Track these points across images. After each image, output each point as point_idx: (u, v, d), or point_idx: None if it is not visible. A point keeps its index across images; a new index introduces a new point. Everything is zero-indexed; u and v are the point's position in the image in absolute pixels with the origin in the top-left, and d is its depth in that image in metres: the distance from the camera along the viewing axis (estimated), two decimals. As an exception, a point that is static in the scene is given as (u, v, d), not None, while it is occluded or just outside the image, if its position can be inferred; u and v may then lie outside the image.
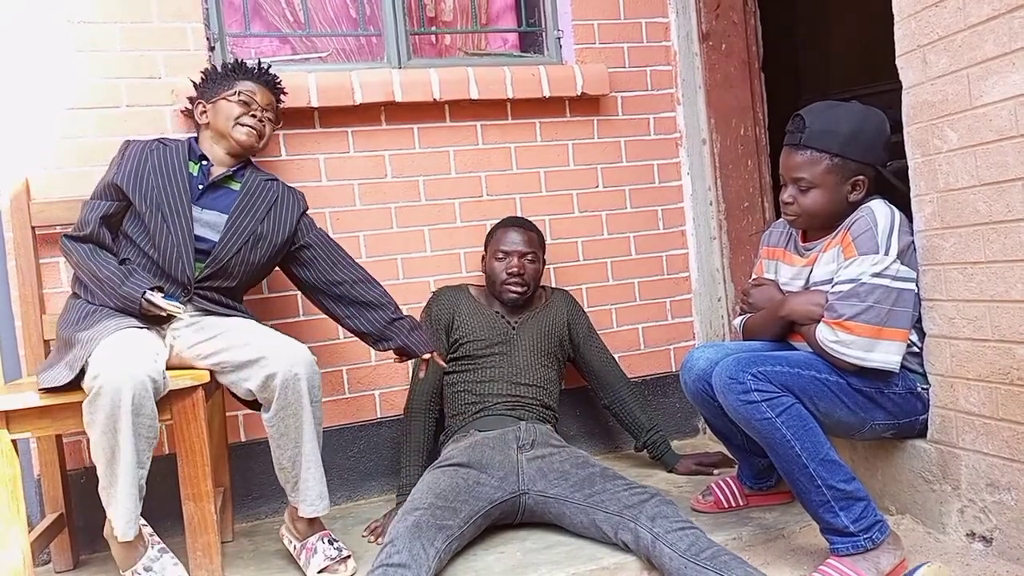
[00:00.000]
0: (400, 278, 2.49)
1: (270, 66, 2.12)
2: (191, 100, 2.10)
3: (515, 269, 2.29)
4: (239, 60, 2.10)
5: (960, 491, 1.77)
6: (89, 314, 1.82)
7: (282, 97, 2.16)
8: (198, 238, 1.94)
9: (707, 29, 2.71)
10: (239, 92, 2.03)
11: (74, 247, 1.91)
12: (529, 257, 2.32)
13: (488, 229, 2.48)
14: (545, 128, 2.63)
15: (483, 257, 2.41)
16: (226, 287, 1.99)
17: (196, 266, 1.93)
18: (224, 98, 2.02)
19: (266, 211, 2.03)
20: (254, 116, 2.03)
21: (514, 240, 2.32)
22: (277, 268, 2.14)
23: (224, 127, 2.01)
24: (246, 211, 2.00)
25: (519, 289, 2.30)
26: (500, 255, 2.31)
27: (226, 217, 1.98)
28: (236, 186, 2.04)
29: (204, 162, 2.03)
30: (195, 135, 2.09)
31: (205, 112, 2.05)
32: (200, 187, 1.99)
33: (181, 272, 1.91)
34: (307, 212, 2.14)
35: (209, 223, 1.97)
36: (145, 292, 1.81)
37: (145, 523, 1.77)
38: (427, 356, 2.09)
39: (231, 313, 1.98)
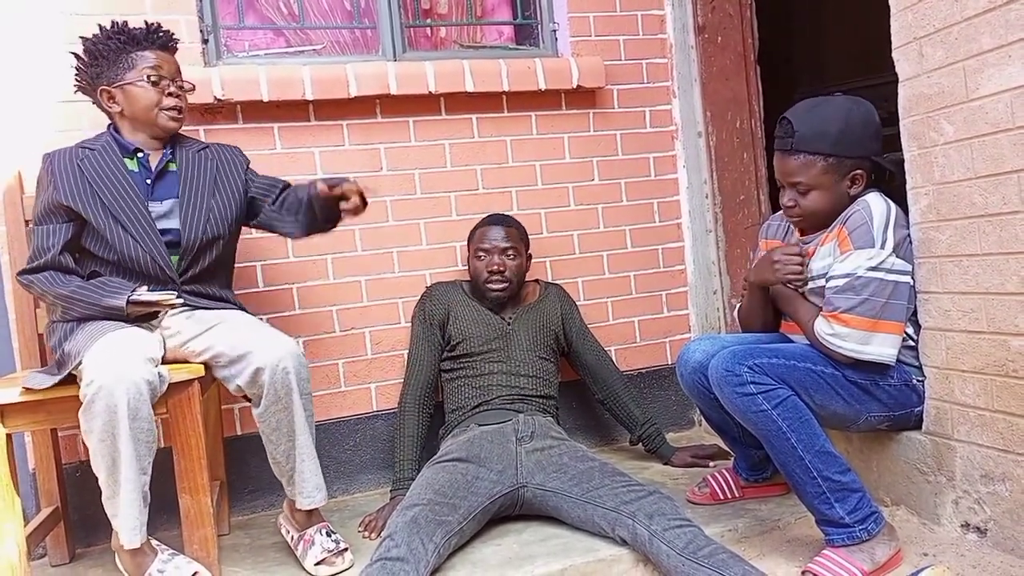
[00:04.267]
0: (396, 271, 2.49)
1: (159, 25, 1.93)
2: (87, 83, 1.92)
3: (495, 267, 2.27)
4: (120, 25, 1.89)
5: (955, 482, 1.78)
6: (75, 328, 1.78)
7: (176, 50, 1.96)
8: (163, 231, 1.88)
9: (703, 22, 2.71)
10: (144, 73, 1.86)
11: (34, 279, 1.83)
12: (509, 253, 2.30)
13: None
14: (541, 121, 2.63)
15: (468, 256, 2.40)
16: (208, 272, 1.94)
17: (172, 259, 1.89)
18: (131, 83, 1.86)
19: (212, 182, 1.96)
20: (171, 95, 1.89)
21: (493, 237, 2.30)
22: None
23: (146, 117, 1.88)
24: (193, 190, 1.92)
25: (499, 286, 2.29)
26: (480, 254, 2.30)
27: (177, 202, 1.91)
28: (175, 167, 1.95)
29: (140, 154, 1.93)
30: (111, 125, 1.95)
31: (114, 99, 1.89)
32: (148, 182, 1.91)
33: (160, 272, 1.87)
34: (249, 165, 2.06)
35: (168, 213, 1.90)
36: (129, 297, 1.77)
37: (150, 538, 1.74)
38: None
39: (220, 305, 1.96)
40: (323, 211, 1.93)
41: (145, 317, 1.85)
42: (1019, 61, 1.55)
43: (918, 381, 1.83)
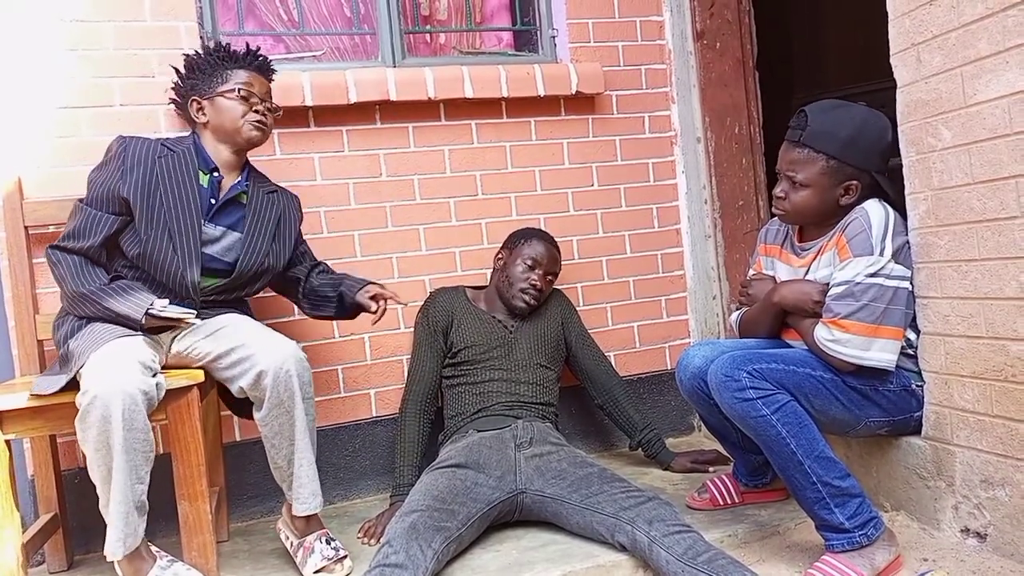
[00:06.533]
0: (395, 277, 2.49)
1: (258, 48, 2.02)
2: (181, 94, 2.00)
3: (538, 282, 2.31)
4: (223, 45, 1.98)
5: (954, 487, 1.78)
6: (82, 326, 1.79)
7: (272, 77, 2.05)
8: (205, 255, 1.89)
9: (701, 27, 2.72)
10: (237, 87, 1.92)
11: (62, 259, 1.83)
12: (550, 277, 2.37)
13: (483, 228, 2.49)
14: (540, 127, 2.63)
15: (499, 256, 2.40)
16: (233, 297, 1.99)
17: (203, 278, 1.89)
18: (222, 95, 1.92)
19: (275, 226, 2.02)
20: (258, 111, 1.94)
21: (546, 255, 2.34)
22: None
23: (231, 127, 1.92)
24: (258, 230, 1.97)
25: (533, 302, 2.32)
26: (529, 262, 2.32)
27: (238, 236, 1.94)
28: (244, 199, 1.99)
29: (215, 174, 1.95)
30: (194, 132, 1.99)
31: (203, 110, 1.94)
32: (212, 201, 1.92)
33: (185, 290, 1.87)
34: (302, 219, 2.15)
35: (219, 240, 1.92)
36: (148, 310, 1.76)
37: (149, 544, 1.73)
38: (367, 292, 2.03)
39: (228, 310, 1.96)
40: (350, 309, 2.09)
41: (157, 329, 1.85)
42: (1017, 67, 1.55)
43: (917, 386, 1.83)
